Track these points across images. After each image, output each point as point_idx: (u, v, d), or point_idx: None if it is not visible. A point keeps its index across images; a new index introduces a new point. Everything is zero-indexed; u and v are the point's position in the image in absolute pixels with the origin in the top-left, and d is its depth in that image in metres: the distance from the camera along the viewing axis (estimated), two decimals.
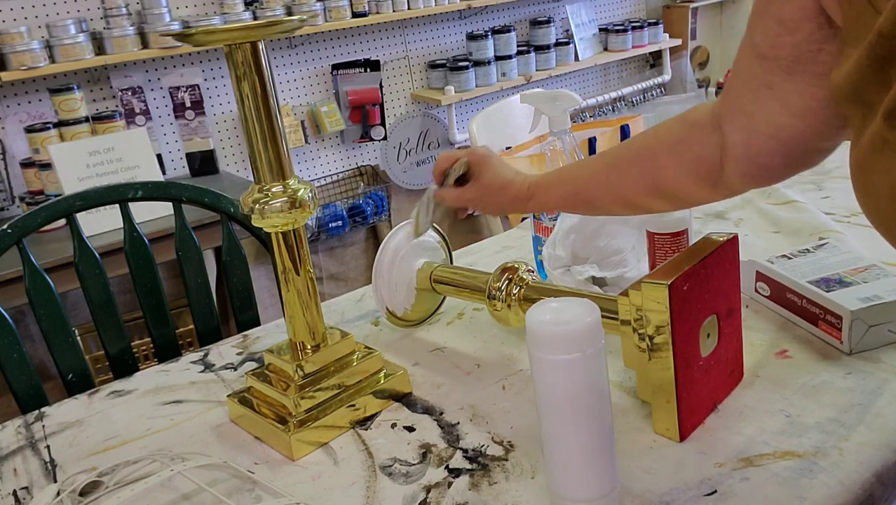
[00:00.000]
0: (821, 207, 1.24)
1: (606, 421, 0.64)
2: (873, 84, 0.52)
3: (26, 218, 1.15)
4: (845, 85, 0.54)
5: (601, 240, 1.02)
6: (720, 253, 0.76)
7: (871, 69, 0.51)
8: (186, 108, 2.61)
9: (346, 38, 2.97)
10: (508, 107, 2.16)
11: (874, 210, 0.55)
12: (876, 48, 0.50)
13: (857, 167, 0.55)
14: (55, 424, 0.93)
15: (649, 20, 3.64)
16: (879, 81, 0.51)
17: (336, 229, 2.94)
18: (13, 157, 2.35)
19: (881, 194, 0.52)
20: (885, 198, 0.52)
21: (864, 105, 0.54)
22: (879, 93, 0.51)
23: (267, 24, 0.74)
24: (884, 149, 0.51)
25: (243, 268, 1.31)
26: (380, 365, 0.90)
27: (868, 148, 0.53)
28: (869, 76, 0.52)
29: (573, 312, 0.62)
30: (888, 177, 0.51)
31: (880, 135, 0.51)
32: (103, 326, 1.20)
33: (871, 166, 0.53)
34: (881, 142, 0.51)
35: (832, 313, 0.85)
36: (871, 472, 0.67)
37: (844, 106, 0.56)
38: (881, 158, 0.51)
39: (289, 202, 0.80)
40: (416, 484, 0.73)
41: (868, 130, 0.53)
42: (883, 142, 0.51)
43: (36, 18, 2.36)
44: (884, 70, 0.50)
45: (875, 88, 0.52)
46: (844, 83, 0.54)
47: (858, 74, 0.52)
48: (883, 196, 0.52)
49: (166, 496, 0.76)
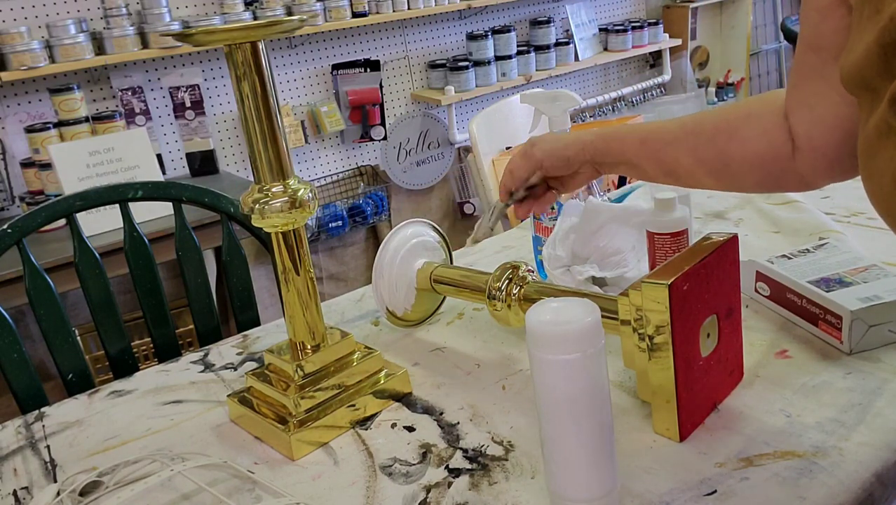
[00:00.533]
0: (821, 207, 1.24)
1: (606, 421, 0.64)
2: (880, 70, 0.52)
3: (26, 218, 1.15)
4: (853, 70, 0.55)
5: (601, 239, 1.02)
6: (720, 253, 0.76)
7: (879, 55, 0.51)
8: (186, 108, 2.61)
9: (346, 38, 2.97)
10: (508, 107, 2.17)
11: (878, 195, 0.56)
12: (885, 34, 0.50)
13: (863, 152, 0.56)
14: (55, 424, 0.93)
15: (649, 20, 3.64)
16: (885, 67, 0.51)
17: (336, 229, 2.94)
18: (13, 157, 2.35)
19: (884, 180, 0.53)
20: (888, 183, 0.52)
21: (870, 91, 0.54)
22: (885, 79, 0.52)
23: (267, 24, 0.74)
24: (889, 134, 0.51)
25: (243, 268, 1.31)
26: (380, 365, 0.90)
27: (874, 133, 0.53)
28: (876, 62, 0.52)
29: (573, 312, 0.62)
30: (892, 162, 0.51)
31: (885, 120, 0.51)
32: (103, 326, 1.20)
33: (877, 152, 0.53)
34: (886, 127, 0.51)
35: (832, 313, 0.85)
36: (871, 472, 0.67)
37: (854, 91, 0.56)
38: (886, 144, 0.52)
39: (289, 202, 0.80)
40: (416, 484, 0.73)
41: (874, 116, 0.53)
42: (888, 128, 0.51)
43: (36, 18, 2.36)
44: (889, 57, 0.51)
45: (881, 74, 0.52)
46: (853, 68, 0.55)
47: (867, 60, 0.53)
48: (886, 182, 0.53)
49: (166, 496, 0.76)
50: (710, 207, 1.33)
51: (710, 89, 4.06)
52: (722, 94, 4.03)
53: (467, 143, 3.06)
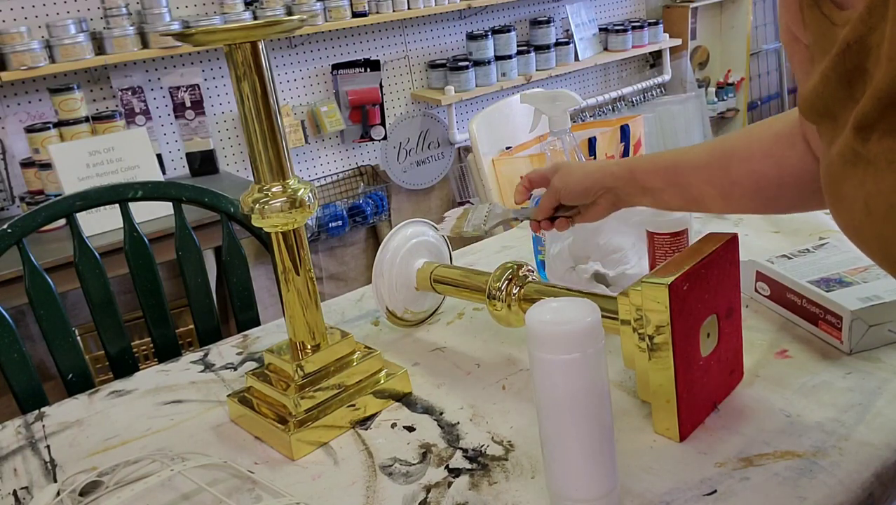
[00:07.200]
0: None
1: (606, 421, 0.64)
2: (840, 97, 0.51)
3: (26, 218, 1.15)
4: (812, 97, 0.54)
5: (601, 238, 1.02)
6: (720, 253, 0.76)
7: (839, 82, 0.51)
8: (186, 108, 2.61)
9: (346, 38, 2.97)
10: (508, 107, 2.16)
11: (846, 221, 0.55)
12: (844, 60, 0.50)
13: (828, 180, 0.55)
14: (55, 423, 0.93)
15: (649, 20, 3.64)
16: (846, 94, 0.51)
17: (336, 229, 2.94)
18: (13, 157, 2.35)
19: (854, 207, 0.52)
20: (859, 210, 0.52)
21: (829, 118, 0.54)
22: (845, 105, 0.51)
23: (267, 24, 0.74)
24: (857, 162, 0.51)
25: (243, 268, 1.31)
26: (380, 365, 0.90)
27: (838, 161, 0.53)
28: (835, 89, 0.51)
29: (573, 312, 0.62)
30: (862, 190, 0.51)
31: (851, 148, 0.51)
32: (103, 326, 1.20)
33: (842, 179, 0.53)
34: (853, 155, 0.51)
35: (832, 313, 0.85)
36: (871, 472, 0.67)
37: (813, 119, 0.56)
38: (854, 171, 0.51)
39: (289, 202, 0.80)
40: (416, 484, 0.73)
41: (837, 143, 0.53)
42: (855, 155, 0.51)
43: (36, 18, 2.36)
44: (851, 83, 0.50)
45: (841, 101, 0.51)
46: (811, 96, 0.54)
47: (825, 87, 0.52)
48: (857, 209, 0.52)
49: (166, 496, 0.76)
50: None
51: (711, 89, 4.05)
52: (722, 94, 4.03)
53: (467, 143, 3.06)
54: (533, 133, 1.88)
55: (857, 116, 0.49)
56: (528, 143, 2.00)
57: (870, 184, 0.50)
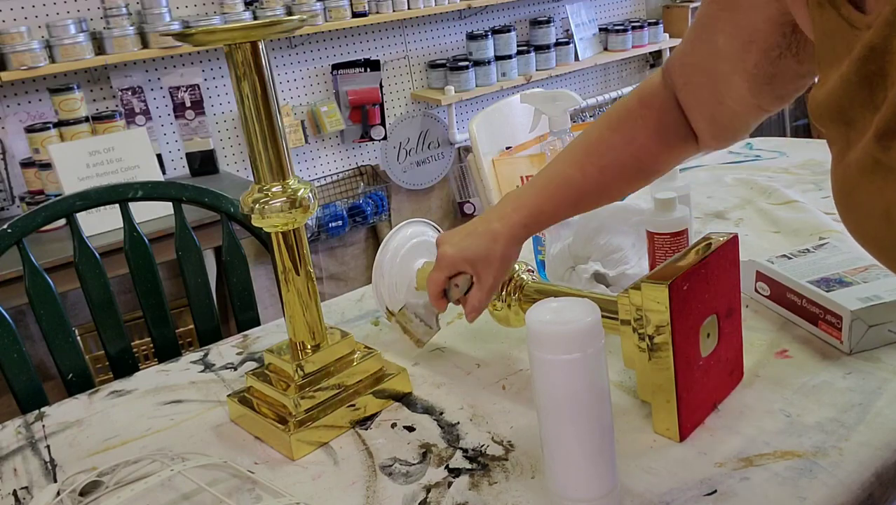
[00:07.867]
0: (821, 207, 1.24)
1: (606, 421, 0.64)
2: (859, 102, 0.50)
3: (26, 218, 1.15)
4: (829, 101, 0.53)
5: (601, 237, 1.02)
6: (720, 253, 0.76)
7: (860, 86, 0.50)
8: (186, 108, 2.61)
9: (346, 38, 2.97)
10: (508, 107, 2.16)
11: (862, 229, 0.55)
12: (867, 64, 0.49)
13: (842, 187, 0.54)
14: (55, 423, 0.93)
15: (649, 20, 3.64)
16: (866, 99, 0.50)
17: (336, 229, 2.94)
18: (13, 157, 2.35)
19: (872, 215, 0.52)
20: (878, 219, 0.51)
21: (846, 124, 0.52)
22: (865, 111, 0.50)
23: (267, 24, 0.74)
24: (876, 170, 0.50)
25: (243, 268, 1.31)
26: (380, 365, 0.90)
27: (855, 168, 0.52)
28: (855, 94, 0.50)
29: (573, 312, 0.62)
30: (881, 198, 0.50)
31: (871, 155, 0.50)
32: (103, 326, 1.20)
33: (859, 186, 0.52)
34: (872, 162, 0.50)
35: (832, 313, 0.85)
36: (871, 472, 0.67)
37: (826, 124, 0.55)
38: (873, 179, 0.50)
39: (289, 202, 0.80)
40: (416, 484, 0.73)
41: (855, 150, 0.52)
42: (875, 163, 0.50)
43: (36, 18, 2.36)
44: (872, 88, 0.49)
45: (860, 106, 0.50)
46: (827, 100, 0.53)
47: (844, 91, 0.51)
48: (875, 217, 0.51)
49: (166, 496, 0.76)
50: (710, 207, 1.33)
51: None
52: None
53: (467, 142, 3.05)
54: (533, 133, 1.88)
55: (879, 124, 0.48)
56: (528, 143, 2.00)
57: (890, 192, 0.49)
